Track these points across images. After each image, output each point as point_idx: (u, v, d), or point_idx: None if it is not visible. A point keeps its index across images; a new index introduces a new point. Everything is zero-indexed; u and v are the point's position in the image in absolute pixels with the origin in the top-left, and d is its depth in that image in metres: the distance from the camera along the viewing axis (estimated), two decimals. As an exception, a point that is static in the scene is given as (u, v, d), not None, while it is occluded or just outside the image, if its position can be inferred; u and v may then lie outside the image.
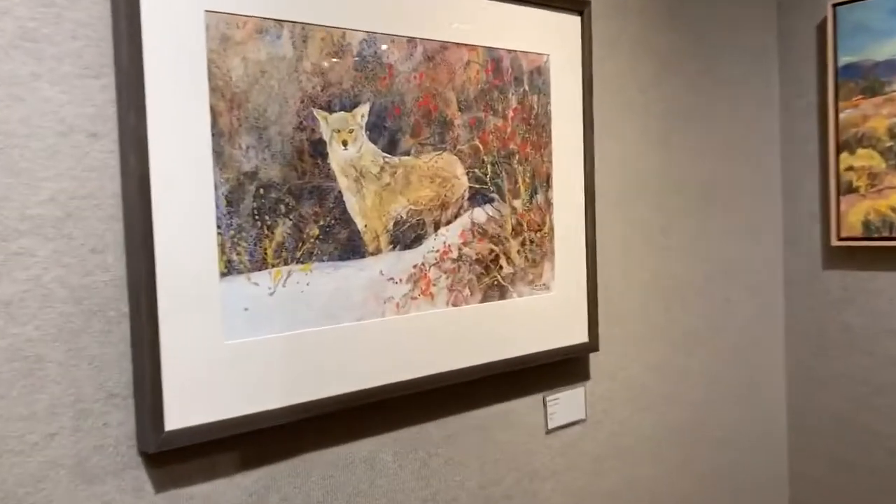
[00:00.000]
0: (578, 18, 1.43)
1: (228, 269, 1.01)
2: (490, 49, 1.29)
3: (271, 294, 1.05)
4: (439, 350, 1.23)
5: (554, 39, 1.39)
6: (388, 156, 1.17)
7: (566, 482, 1.48)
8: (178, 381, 0.97)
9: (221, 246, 1.00)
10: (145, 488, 0.98)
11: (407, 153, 1.19)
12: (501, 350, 1.32)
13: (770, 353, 1.95)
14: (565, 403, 1.48)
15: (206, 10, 0.98)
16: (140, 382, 0.94)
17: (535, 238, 1.37)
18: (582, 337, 1.46)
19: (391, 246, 1.17)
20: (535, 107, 1.36)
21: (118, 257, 0.95)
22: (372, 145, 1.14)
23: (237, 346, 1.02)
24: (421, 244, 1.21)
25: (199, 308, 0.98)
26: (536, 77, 1.36)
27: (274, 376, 1.05)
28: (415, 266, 1.20)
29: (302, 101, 1.07)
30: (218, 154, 0.99)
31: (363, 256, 1.14)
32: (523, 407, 1.41)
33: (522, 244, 1.35)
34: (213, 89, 0.98)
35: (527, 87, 1.35)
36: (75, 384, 0.92)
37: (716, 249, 1.80)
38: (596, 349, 1.48)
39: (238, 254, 1.01)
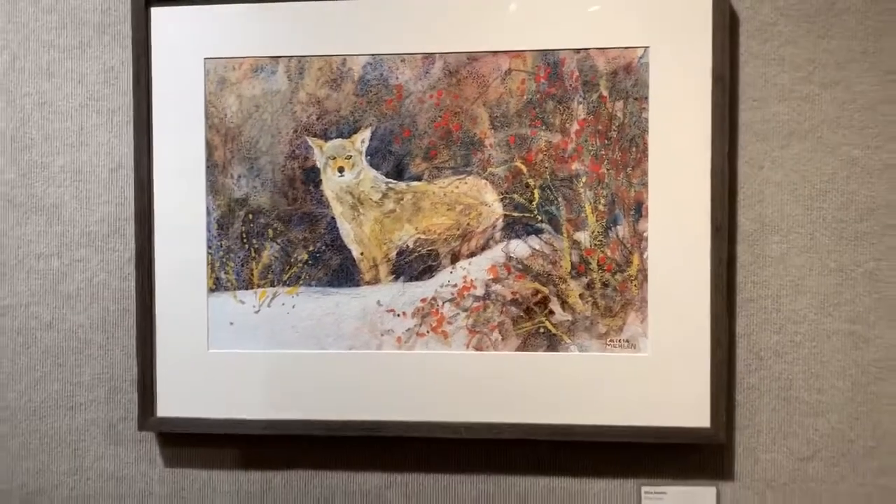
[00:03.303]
0: (709, -9, 1.06)
1: (217, 286, 1.13)
2: (544, 52, 1.08)
3: (256, 312, 1.12)
4: (453, 397, 1.10)
5: (657, 27, 1.07)
6: (393, 181, 1.10)
7: None
8: (169, 378, 1.13)
9: (211, 265, 1.12)
10: (157, 461, 1.18)
11: (417, 178, 1.10)
12: (549, 413, 1.09)
13: None
14: (677, 502, 1.12)
15: (206, 58, 1.11)
16: (141, 373, 1.14)
17: (613, 281, 1.09)
18: (697, 420, 1.08)
19: (392, 276, 1.11)
20: (620, 116, 1.08)
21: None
22: (373, 171, 1.10)
23: (220, 355, 1.13)
24: (432, 276, 1.11)
25: (189, 319, 1.13)
26: (623, 78, 1.07)
27: (255, 389, 1.12)
28: (423, 300, 1.11)
29: (295, 131, 1.11)
30: (211, 183, 1.12)
31: (357, 285, 1.11)
32: (596, 489, 1.13)
33: (589, 287, 1.09)
34: (210, 127, 1.12)
35: (604, 93, 1.08)
36: (110, 365, 1.18)
37: None
38: (722, 441, 1.07)
39: (226, 273, 1.13)
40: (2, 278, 1.18)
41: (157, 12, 1.12)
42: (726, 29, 1.06)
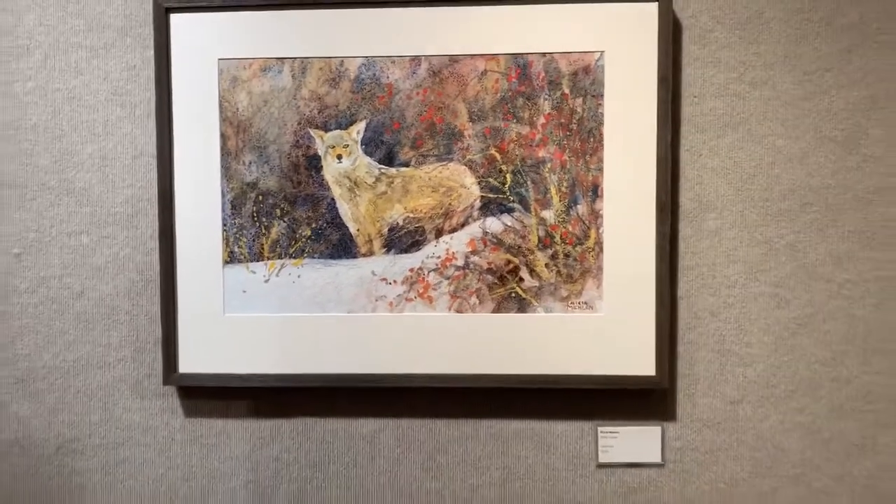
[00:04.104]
0: (654, 5, 1.24)
1: (231, 258, 1.29)
2: (515, 56, 1.25)
3: (266, 281, 1.29)
4: (437, 352, 1.29)
5: (611, 34, 1.24)
6: (385, 167, 1.28)
7: (628, 527, 1.33)
8: (190, 339, 1.30)
9: (226, 240, 1.29)
10: (178, 412, 1.35)
11: (406, 164, 1.27)
12: (519, 365, 1.28)
13: None
14: (628, 440, 1.32)
15: (220, 59, 1.27)
16: (165, 335, 1.30)
17: (573, 252, 1.27)
18: (644, 369, 1.28)
19: (385, 249, 1.29)
20: (580, 111, 1.26)
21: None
22: (367, 158, 1.27)
23: (235, 319, 1.30)
24: (419, 249, 1.28)
25: (207, 287, 1.29)
26: (582, 78, 1.25)
27: (266, 348, 1.30)
28: (411, 270, 1.29)
29: (299, 123, 1.27)
30: (225, 169, 1.28)
31: (355, 257, 1.29)
32: (559, 430, 1.32)
33: (553, 257, 1.27)
34: (224, 120, 1.28)
35: (566, 91, 1.25)
36: (135, 329, 1.34)
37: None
38: (665, 386, 1.27)
39: (239, 247, 1.29)
40: (37, 253, 1.33)
41: (175, 18, 1.27)
42: (670, 35, 1.24)
